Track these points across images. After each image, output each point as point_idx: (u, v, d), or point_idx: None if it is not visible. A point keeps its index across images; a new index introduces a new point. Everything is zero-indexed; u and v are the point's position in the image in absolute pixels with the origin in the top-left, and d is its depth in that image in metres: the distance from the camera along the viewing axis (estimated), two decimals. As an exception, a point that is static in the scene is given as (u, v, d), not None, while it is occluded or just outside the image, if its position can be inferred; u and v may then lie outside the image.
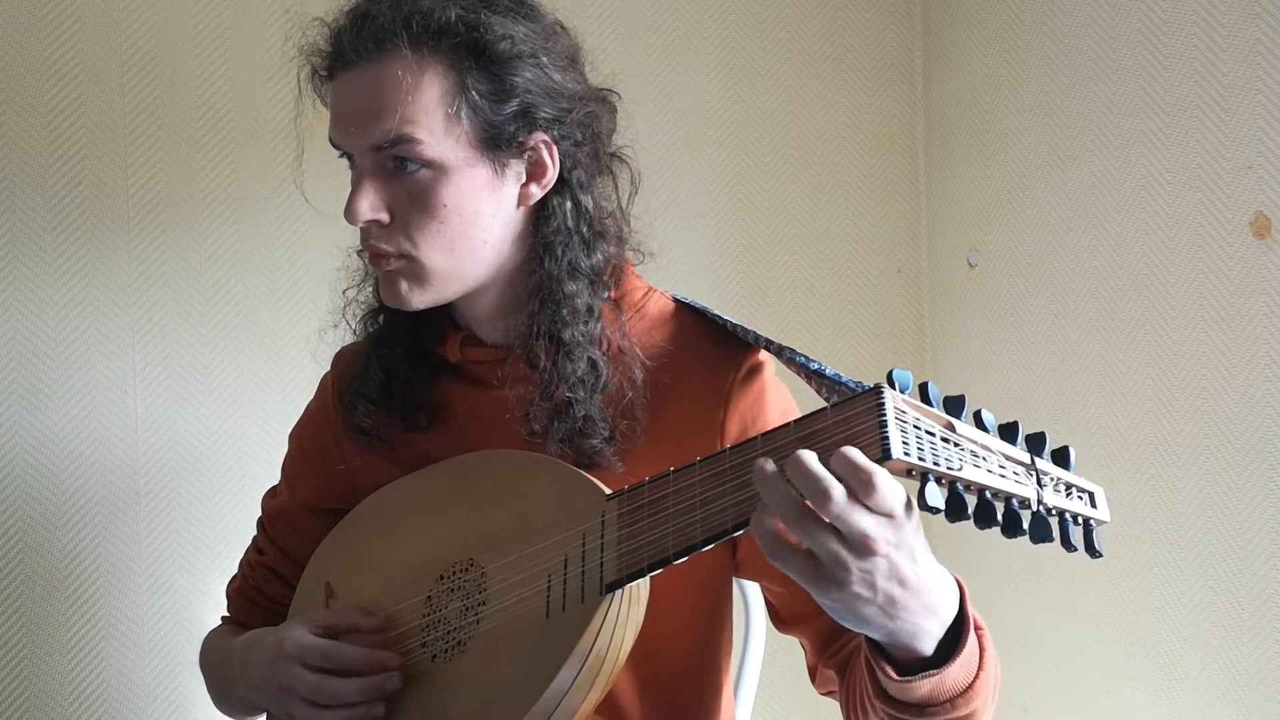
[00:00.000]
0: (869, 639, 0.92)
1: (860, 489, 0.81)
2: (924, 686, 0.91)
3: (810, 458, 0.83)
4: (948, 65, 2.13)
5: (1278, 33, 1.54)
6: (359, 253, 1.22)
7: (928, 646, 0.89)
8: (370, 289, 1.25)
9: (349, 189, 1.11)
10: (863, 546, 0.82)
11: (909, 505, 0.85)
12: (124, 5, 1.75)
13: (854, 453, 0.82)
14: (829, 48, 2.13)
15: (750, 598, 1.51)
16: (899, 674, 0.91)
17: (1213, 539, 1.64)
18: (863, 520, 0.81)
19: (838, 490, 0.81)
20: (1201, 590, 1.66)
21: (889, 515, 0.82)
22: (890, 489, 0.82)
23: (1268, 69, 1.55)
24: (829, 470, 0.82)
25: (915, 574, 0.85)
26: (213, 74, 1.79)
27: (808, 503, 0.83)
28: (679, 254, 2.02)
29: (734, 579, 1.23)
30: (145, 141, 1.76)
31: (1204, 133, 1.64)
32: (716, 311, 1.18)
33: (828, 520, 0.82)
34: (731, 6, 2.07)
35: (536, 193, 1.13)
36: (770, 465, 0.85)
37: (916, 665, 0.91)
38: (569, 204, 1.14)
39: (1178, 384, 1.69)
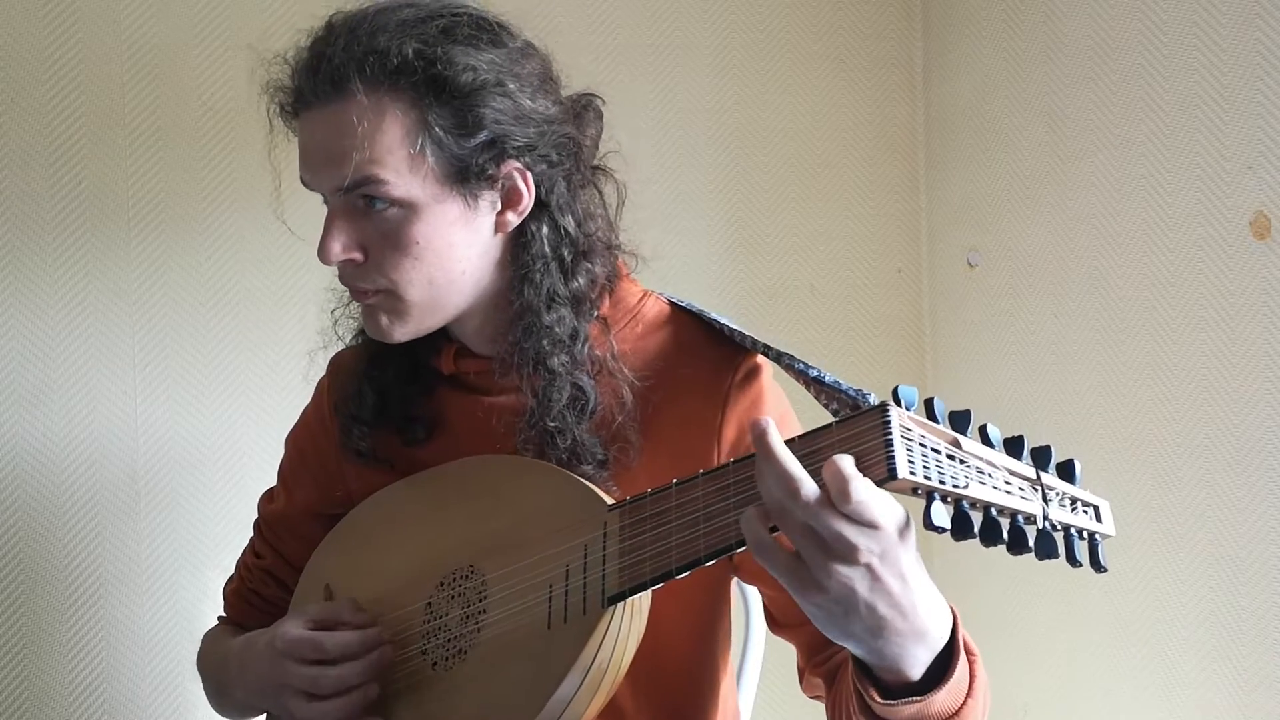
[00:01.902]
0: (858, 661, 0.91)
1: (837, 497, 0.80)
2: (908, 710, 0.90)
3: (780, 452, 0.83)
4: (948, 65, 2.13)
5: (1278, 33, 1.54)
6: None
7: (915, 672, 0.89)
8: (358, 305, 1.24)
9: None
10: (842, 551, 0.81)
11: (906, 524, 0.84)
12: (124, 5, 1.75)
13: (843, 461, 0.81)
14: (829, 48, 2.13)
15: (750, 598, 1.51)
16: (883, 696, 0.90)
17: (1213, 539, 1.64)
18: (838, 525, 0.80)
19: (808, 488, 0.81)
20: (1201, 591, 1.66)
21: (871, 525, 0.81)
22: (872, 501, 0.81)
23: (1268, 69, 1.55)
24: (822, 476, 0.82)
25: (903, 593, 0.84)
26: (213, 75, 1.79)
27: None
28: (679, 255, 2.02)
29: (733, 579, 1.23)
30: (145, 141, 1.76)
31: (1204, 133, 1.64)
32: (714, 315, 1.17)
33: (802, 519, 0.81)
34: (731, 6, 2.07)
35: (513, 220, 1.11)
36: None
37: (902, 689, 0.90)
38: (546, 229, 1.11)
39: (1177, 384, 1.69)
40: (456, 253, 1.09)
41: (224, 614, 1.38)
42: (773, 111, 2.09)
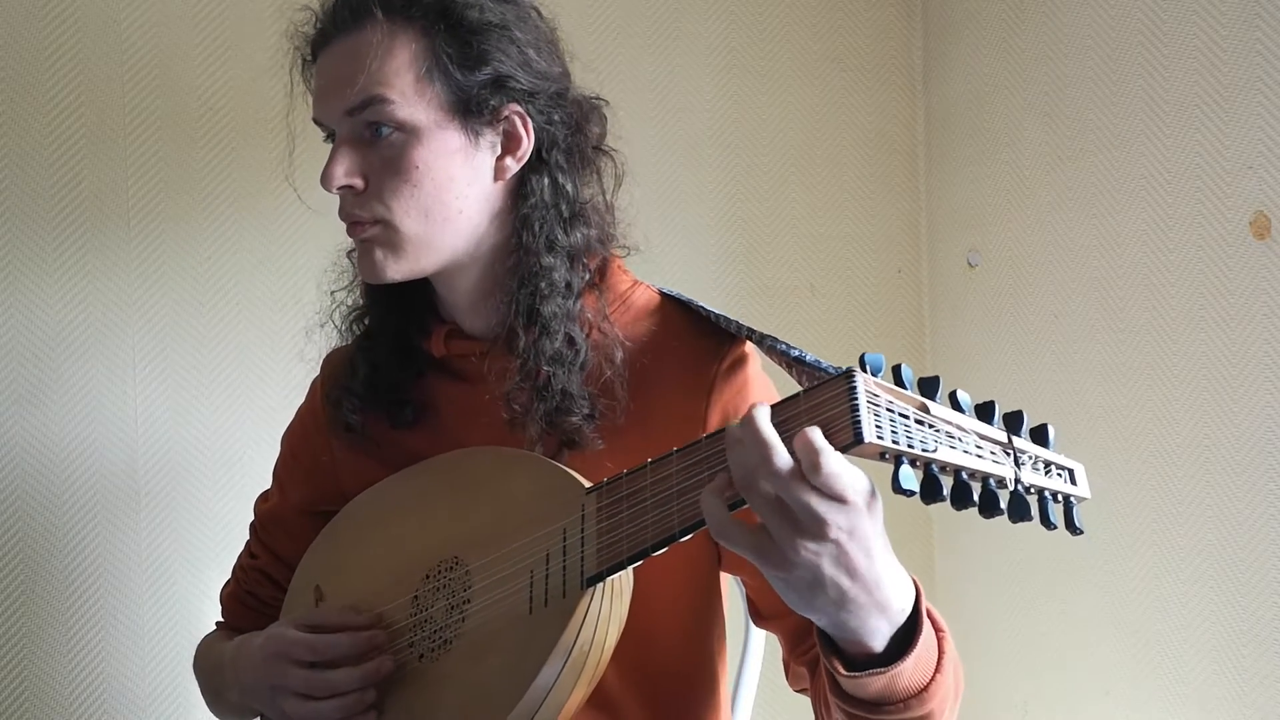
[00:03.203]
0: (822, 634, 0.91)
1: (809, 469, 0.81)
2: (875, 684, 0.90)
3: (762, 417, 0.83)
4: (948, 65, 2.13)
5: (1278, 33, 1.54)
6: (349, 254, 1.24)
7: (877, 644, 0.89)
8: (358, 292, 1.26)
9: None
10: (811, 527, 0.81)
11: (873, 495, 0.84)
12: (124, 5, 1.75)
13: (814, 433, 0.82)
14: (829, 48, 2.13)
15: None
16: (848, 669, 0.91)
17: (1213, 539, 1.64)
18: (808, 498, 0.81)
19: (781, 459, 0.81)
20: (1201, 590, 1.66)
21: (840, 500, 0.81)
22: (843, 474, 0.81)
23: (1268, 69, 1.55)
24: (793, 448, 0.82)
25: (868, 568, 0.84)
26: (213, 74, 1.79)
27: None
28: (679, 254, 2.02)
29: (727, 576, 1.23)
30: (145, 141, 1.76)
31: (1204, 133, 1.64)
32: (701, 303, 1.18)
33: (771, 490, 0.82)
34: (731, 6, 2.07)
35: (512, 166, 1.14)
36: (737, 428, 0.85)
37: (867, 662, 0.90)
38: (546, 181, 1.15)
39: (1178, 384, 1.69)
40: (455, 188, 1.12)
41: (221, 619, 1.38)
42: (773, 111, 2.09)
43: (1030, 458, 0.90)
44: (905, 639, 0.90)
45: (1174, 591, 1.71)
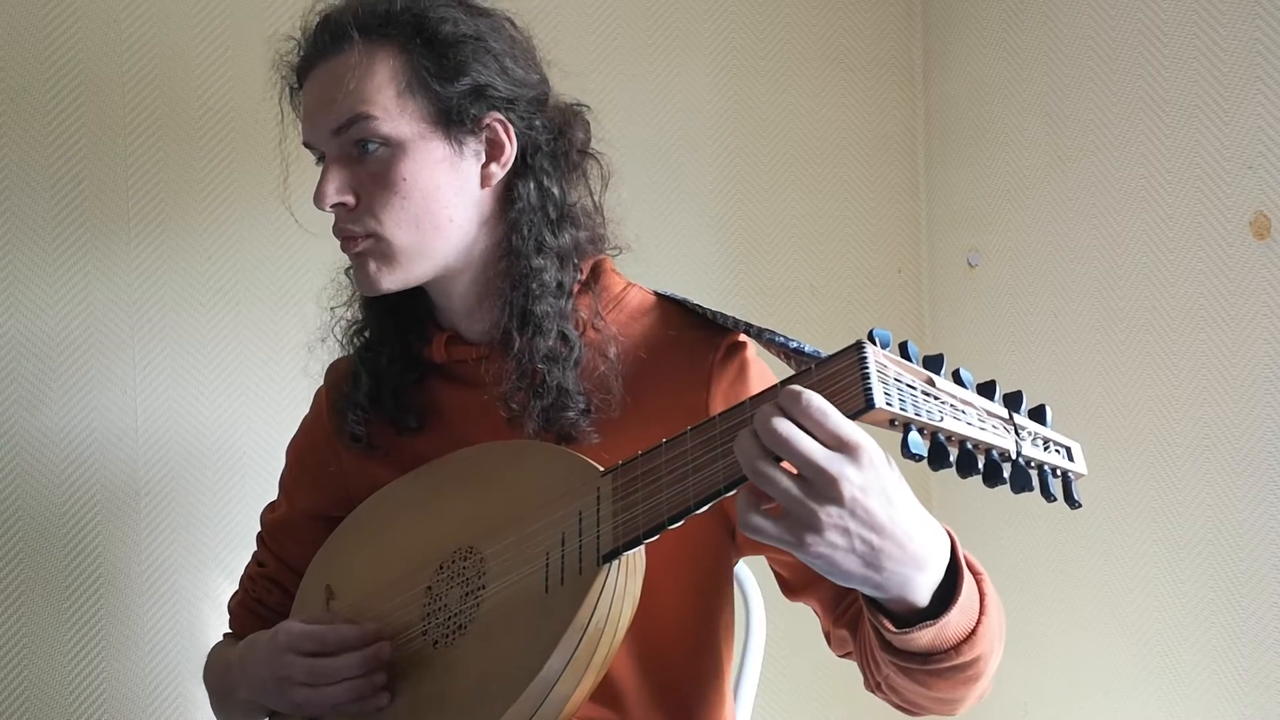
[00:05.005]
0: (867, 596, 0.93)
1: (791, 407, 0.83)
2: (924, 637, 0.92)
3: (768, 406, 0.86)
4: (948, 65, 2.13)
5: (1278, 33, 1.54)
6: (346, 271, 1.27)
7: (922, 598, 0.90)
8: (357, 306, 1.28)
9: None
10: (827, 488, 0.83)
11: (886, 458, 0.86)
12: (124, 6, 1.75)
13: (788, 388, 0.84)
14: (829, 48, 2.13)
15: (750, 595, 1.51)
16: (897, 626, 0.92)
17: (1213, 539, 1.64)
18: (814, 451, 0.83)
19: (769, 411, 0.84)
20: (1201, 590, 1.66)
21: (840, 447, 0.83)
22: (828, 412, 0.83)
23: (1268, 69, 1.55)
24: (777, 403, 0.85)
25: (891, 519, 0.85)
26: (213, 75, 1.79)
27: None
28: (678, 254, 2.02)
29: (735, 570, 1.23)
30: (145, 141, 1.76)
31: (1204, 133, 1.64)
32: (696, 302, 1.20)
33: (782, 458, 0.83)
34: (731, 6, 2.07)
35: (497, 172, 1.17)
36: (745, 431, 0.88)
37: (914, 617, 0.92)
38: (532, 185, 1.17)
39: (1178, 384, 1.69)
40: (443, 196, 1.14)
41: (229, 629, 1.40)
42: (773, 111, 2.09)
43: (1030, 434, 0.93)
44: (947, 590, 0.92)
45: (1174, 591, 1.71)
